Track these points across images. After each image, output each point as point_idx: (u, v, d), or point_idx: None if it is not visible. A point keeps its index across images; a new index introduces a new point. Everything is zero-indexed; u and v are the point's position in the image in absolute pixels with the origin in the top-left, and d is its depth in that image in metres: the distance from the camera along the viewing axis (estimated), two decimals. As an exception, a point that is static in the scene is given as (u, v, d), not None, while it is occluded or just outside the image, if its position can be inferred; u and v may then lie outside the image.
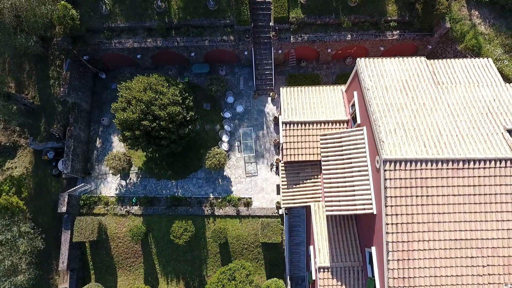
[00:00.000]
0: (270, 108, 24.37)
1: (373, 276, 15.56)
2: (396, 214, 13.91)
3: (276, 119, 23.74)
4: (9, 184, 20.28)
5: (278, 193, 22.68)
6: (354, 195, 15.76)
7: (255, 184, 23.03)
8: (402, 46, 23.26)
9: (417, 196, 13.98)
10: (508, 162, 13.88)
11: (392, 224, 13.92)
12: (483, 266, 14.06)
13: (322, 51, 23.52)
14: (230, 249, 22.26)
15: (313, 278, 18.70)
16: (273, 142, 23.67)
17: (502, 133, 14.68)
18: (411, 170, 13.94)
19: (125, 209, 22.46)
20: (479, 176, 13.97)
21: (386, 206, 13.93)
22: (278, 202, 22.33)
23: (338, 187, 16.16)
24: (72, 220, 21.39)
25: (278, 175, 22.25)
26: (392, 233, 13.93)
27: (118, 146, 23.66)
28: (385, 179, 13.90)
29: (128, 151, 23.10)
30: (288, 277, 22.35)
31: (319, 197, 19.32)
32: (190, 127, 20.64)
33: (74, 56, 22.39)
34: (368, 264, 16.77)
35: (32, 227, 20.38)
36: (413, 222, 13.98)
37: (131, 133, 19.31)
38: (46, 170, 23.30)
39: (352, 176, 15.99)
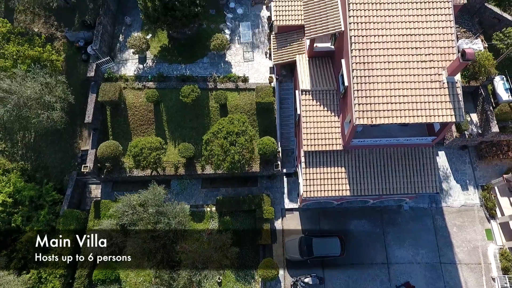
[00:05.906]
0: (264, 13, 29.19)
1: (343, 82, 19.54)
2: (357, 16, 18.16)
3: (269, 19, 28.46)
4: (49, 49, 24.60)
5: (271, 72, 26.93)
6: (327, 21, 20.09)
7: (252, 67, 27.33)
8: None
9: (373, 3, 18.35)
10: (441, -22, 18.35)
11: (354, 23, 18.11)
12: (426, 55, 18.06)
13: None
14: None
15: (298, 112, 22.50)
16: (266, 36, 28.24)
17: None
18: (368, -18, 18.42)
19: (141, 84, 26.60)
20: (419, -12, 18.42)
21: (349, 10, 18.25)
22: (270, 77, 26.52)
23: (315, 18, 20.54)
24: (97, 86, 25.53)
25: (271, 60, 26.55)
26: (354, 29, 18.08)
27: (137, 40, 28.15)
28: (348, -10, 18.37)
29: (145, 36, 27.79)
30: (279, 143, 25.99)
31: (303, 53, 23.59)
32: (199, 8, 25.32)
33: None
34: (340, 85, 20.71)
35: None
36: (369, 22, 18.18)
37: (152, 4, 24.01)
38: (77, 56, 27.77)
39: (326, 8, 20.42)
